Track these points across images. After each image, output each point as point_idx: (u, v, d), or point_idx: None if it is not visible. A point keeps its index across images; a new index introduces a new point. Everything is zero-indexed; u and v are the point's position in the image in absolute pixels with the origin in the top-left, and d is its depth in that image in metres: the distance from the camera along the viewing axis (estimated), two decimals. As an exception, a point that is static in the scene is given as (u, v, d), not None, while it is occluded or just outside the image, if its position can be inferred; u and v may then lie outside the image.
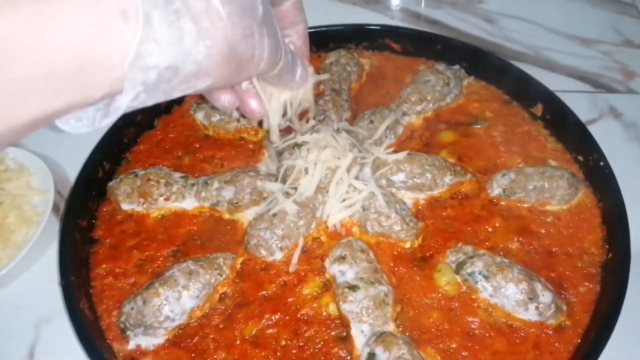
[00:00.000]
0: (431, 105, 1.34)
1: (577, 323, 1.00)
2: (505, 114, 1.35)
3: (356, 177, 1.14)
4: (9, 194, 1.25)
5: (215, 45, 0.52)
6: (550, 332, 0.99)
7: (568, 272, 1.07)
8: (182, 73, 0.52)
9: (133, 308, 1.00)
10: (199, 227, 1.17)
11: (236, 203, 1.15)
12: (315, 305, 1.03)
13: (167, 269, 1.06)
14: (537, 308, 0.98)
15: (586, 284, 1.05)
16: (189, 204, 1.19)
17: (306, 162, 1.10)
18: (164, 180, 1.18)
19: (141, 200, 1.18)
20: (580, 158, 1.23)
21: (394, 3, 1.84)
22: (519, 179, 1.16)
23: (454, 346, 0.98)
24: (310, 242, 1.12)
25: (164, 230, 1.17)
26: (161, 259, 1.12)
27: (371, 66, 1.48)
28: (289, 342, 0.99)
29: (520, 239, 1.11)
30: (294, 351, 0.98)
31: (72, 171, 1.26)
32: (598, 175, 1.17)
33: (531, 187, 1.15)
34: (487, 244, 1.11)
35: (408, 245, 1.10)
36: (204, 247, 1.13)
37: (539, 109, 1.32)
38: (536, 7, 1.78)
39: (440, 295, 1.04)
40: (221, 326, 1.02)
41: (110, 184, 1.22)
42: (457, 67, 1.41)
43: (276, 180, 1.15)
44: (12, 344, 1.11)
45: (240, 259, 1.10)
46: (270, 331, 1.01)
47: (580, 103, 1.41)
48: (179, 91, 0.54)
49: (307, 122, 1.12)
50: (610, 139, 1.26)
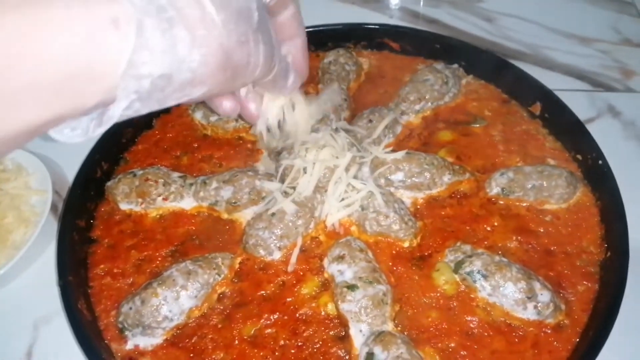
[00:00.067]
0: (430, 104, 1.34)
1: (576, 322, 1.00)
2: (503, 112, 1.34)
3: (355, 177, 1.14)
4: (7, 194, 1.25)
5: (211, 53, 0.52)
6: (549, 331, 0.99)
7: (566, 271, 1.07)
8: (177, 81, 0.51)
9: (131, 308, 1.00)
10: (197, 227, 1.17)
11: (234, 203, 1.15)
12: (313, 304, 1.03)
13: (166, 269, 1.06)
14: (535, 307, 0.98)
15: (585, 282, 1.05)
16: (187, 203, 1.19)
17: (305, 162, 1.10)
18: (162, 180, 1.18)
19: (139, 200, 1.17)
20: (579, 157, 1.23)
21: (393, 2, 1.84)
22: (517, 178, 1.16)
23: (452, 345, 0.98)
24: (308, 242, 1.12)
25: (162, 230, 1.17)
26: (159, 258, 1.12)
27: (370, 65, 1.47)
28: (287, 341, 0.99)
29: (519, 238, 1.11)
30: (293, 351, 0.98)
31: (71, 171, 1.25)
32: (596, 174, 1.17)
33: (530, 186, 1.15)
34: (486, 243, 1.11)
35: (407, 245, 1.10)
36: (203, 247, 1.13)
37: (537, 108, 1.32)
38: (535, 6, 1.77)
39: (438, 295, 1.04)
40: (219, 326, 1.02)
41: (109, 184, 1.21)
42: (455, 66, 1.41)
43: (275, 180, 1.15)
44: (11, 344, 1.11)
45: (238, 259, 1.10)
46: (269, 331, 1.01)
47: (578, 102, 1.41)
48: (174, 99, 0.54)
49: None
50: (608, 137, 1.26)
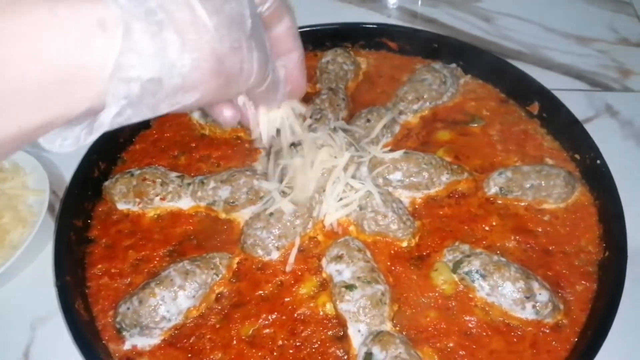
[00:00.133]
0: (428, 104, 1.33)
1: (574, 321, 1.00)
2: (502, 112, 1.34)
3: (353, 176, 1.14)
4: (4, 194, 1.24)
5: (203, 58, 0.51)
6: (548, 331, 0.99)
7: (565, 271, 1.07)
8: (168, 86, 0.50)
9: (129, 308, 0.99)
10: (195, 226, 1.16)
11: (232, 202, 1.15)
12: (312, 304, 1.03)
13: (163, 269, 1.05)
14: (534, 307, 0.98)
15: (583, 282, 1.05)
16: (185, 203, 1.18)
17: (303, 162, 1.10)
18: (159, 180, 1.17)
19: (137, 200, 1.17)
20: (577, 156, 1.23)
21: (391, 2, 1.83)
22: (515, 177, 1.16)
23: (451, 345, 0.97)
24: (307, 242, 1.11)
25: (160, 230, 1.16)
26: (157, 258, 1.12)
27: (368, 65, 1.47)
28: (285, 342, 0.99)
29: (517, 237, 1.11)
30: (291, 351, 0.98)
31: (68, 171, 1.25)
32: (594, 173, 1.17)
33: (528, 185, 1.15)
34: (484, 242, 1.11)
35: (405, 244, 1.10)
36: (200, 246, 1.13)
37: (535, 108, 1.32)
38: (533, 5, 1.77)
39: (437, 295, 1.03)
40: (218, 326, 1.02)
41: (106, 183, 1.21)
42: (453, 65, 1.41)
43: (273, 180, 1.14)
44: (8, 344, 1.10)
45: (236, 259, 1.10)
46: (267, 331, 1.01)
47: (576, 101, 1.41)
48: (167, 106, 0.53)
49: (304, 121, 1.11)
50: (606, 137, 1.26)
